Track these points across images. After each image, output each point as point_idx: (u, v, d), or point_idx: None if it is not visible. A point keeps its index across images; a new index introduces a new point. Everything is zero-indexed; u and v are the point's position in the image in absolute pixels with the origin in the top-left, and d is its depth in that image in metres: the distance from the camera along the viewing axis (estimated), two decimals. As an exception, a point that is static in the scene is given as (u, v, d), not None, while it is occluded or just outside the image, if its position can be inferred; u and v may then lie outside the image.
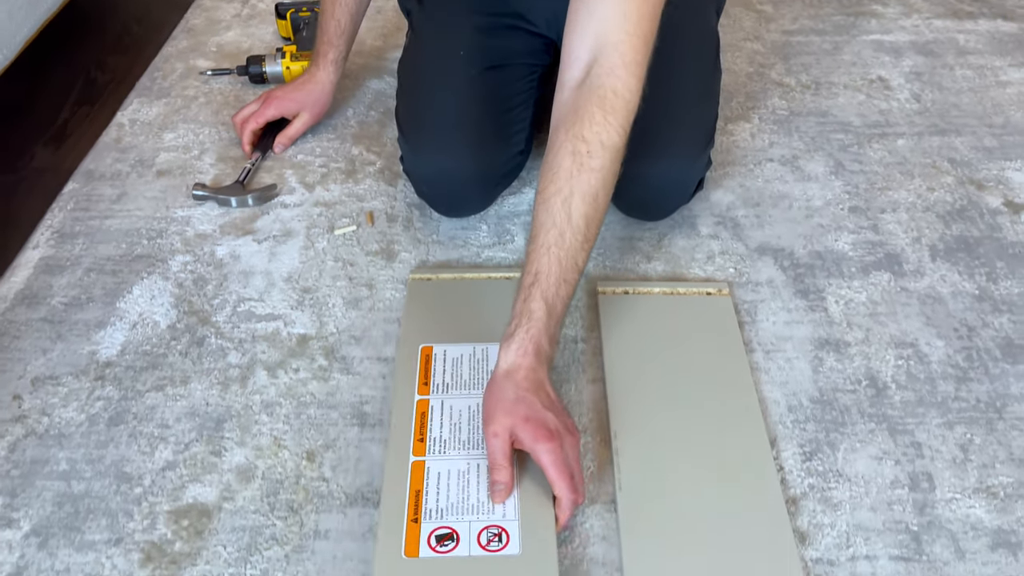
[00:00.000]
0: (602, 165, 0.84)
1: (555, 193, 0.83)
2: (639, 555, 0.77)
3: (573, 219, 0.82)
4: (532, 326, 0.80)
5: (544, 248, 0.82)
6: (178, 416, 0.90)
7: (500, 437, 0.77)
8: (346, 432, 0.88)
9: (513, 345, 0.80)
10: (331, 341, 0.98)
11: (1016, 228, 1.13)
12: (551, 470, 0.75)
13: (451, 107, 1.07)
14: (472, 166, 1.07)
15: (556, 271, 0.81)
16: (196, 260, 1.08)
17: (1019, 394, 0.92)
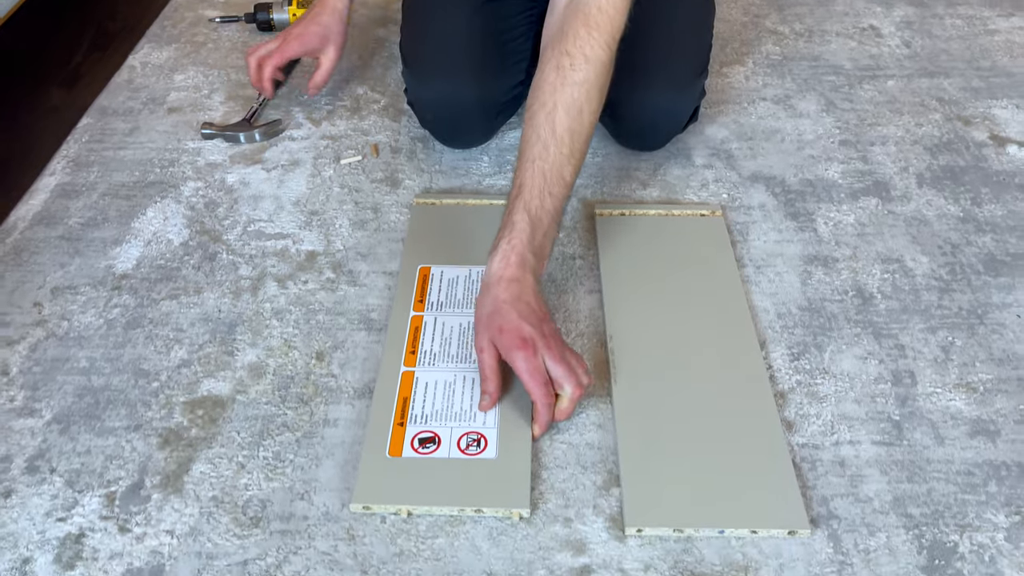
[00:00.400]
0: (585, 78, 0.86)
1: (539, 108, 0.86)
2: (632, 439, 0.80)
3: (557, 132, 0.85)
4: (514, 237, 0.82)
5: (529, 162, 0.84)
6: (192, 321, 0.93)
7: (486, 351, 0.80)
8: (353, 335, 0.92)
9: (496, 257, 0.82)
10: (338, 257, 1.02)
11: (1001, 158, 1.17)
12: (524, 376, 0.78)
13: (453, 36, 1.11)
14: (473, 92, 1.10)
15: (540, 183, 0.84)
16: (207, 186, 1.12)
17: (1000, 303, 0.96)
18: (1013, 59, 1.38)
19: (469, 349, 0.89)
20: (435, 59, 1.10)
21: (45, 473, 0.79)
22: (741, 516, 0.74)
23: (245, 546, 0.73)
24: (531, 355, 0.77)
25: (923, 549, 0.73)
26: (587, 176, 1.14)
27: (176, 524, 0.74)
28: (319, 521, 0.75)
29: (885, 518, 0.75)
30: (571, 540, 0.74)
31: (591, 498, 0.77)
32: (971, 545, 0.73)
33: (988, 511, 0.76)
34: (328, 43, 1.17)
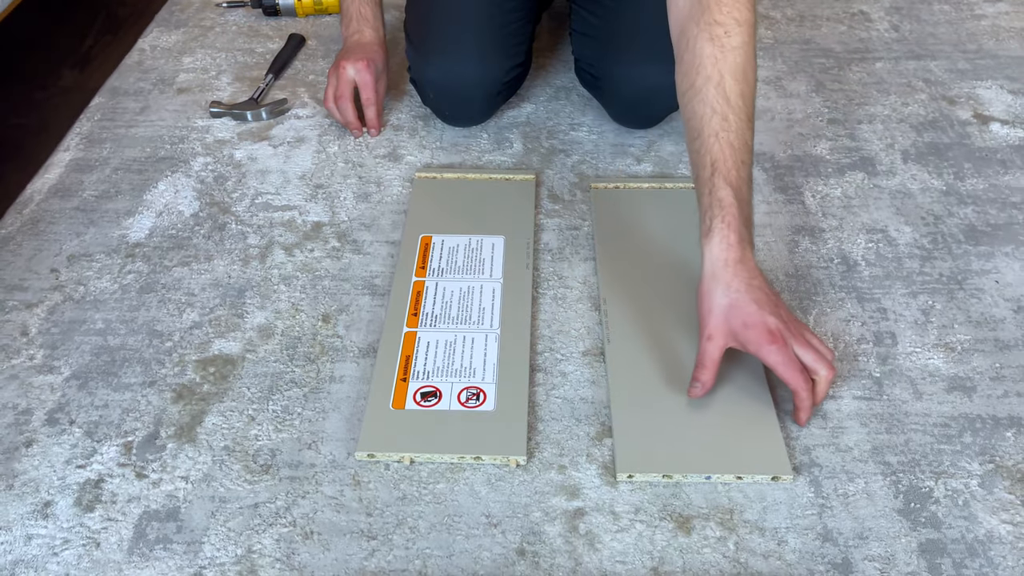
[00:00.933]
0: (743, 42, 0.84)
1: (706, 81, 0.83)
2: (624, 392, 0.84)
3: (732, 100, 0.82)
4: (727, 214, 0.79)
5: (713, 136, 0.81)
6: (203, 286, 0.97)
7: (714, 341, 0.79)
8: (358, 300, 0.96)
9: (714, 240, 0.79)
10: (343, 227, 1.06)
11: (984, 136, 1.21)
12: (782, 370, 0.77)
13: (457, 17, 1.14)
14: (476, 72, 1.14)
15: (731, 155, 0.80)
16: (216, 161, 1.16)
17: (979, 270, 1.00)
18: (999, 42, 1.42)
19: (469, 311, 0.93)
20: (439, 39, 1.14)
21: (65, 425, 0.83)
22: (727, 463, 0.78)
23: (256, 491, 0.77)
24: (782, 347, 0.77)
25: (899, 494, 0.77)
26: (582, 153, 1.18)
27: (190, 471, 0.78)
28: (326, 468, 0.79)
29: (864, 466, 0.79)
30: (565, 485, 0.78)
31: (584, 447, 0.81)
32: (946, 490, 0.77)
33: (963, 459, 0.80)
34: (380, 73, 1.18)
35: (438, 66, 1.15)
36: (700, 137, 0.82)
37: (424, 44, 1.16)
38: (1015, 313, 0.94)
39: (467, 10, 1.15)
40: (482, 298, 0.94)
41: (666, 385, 0.85)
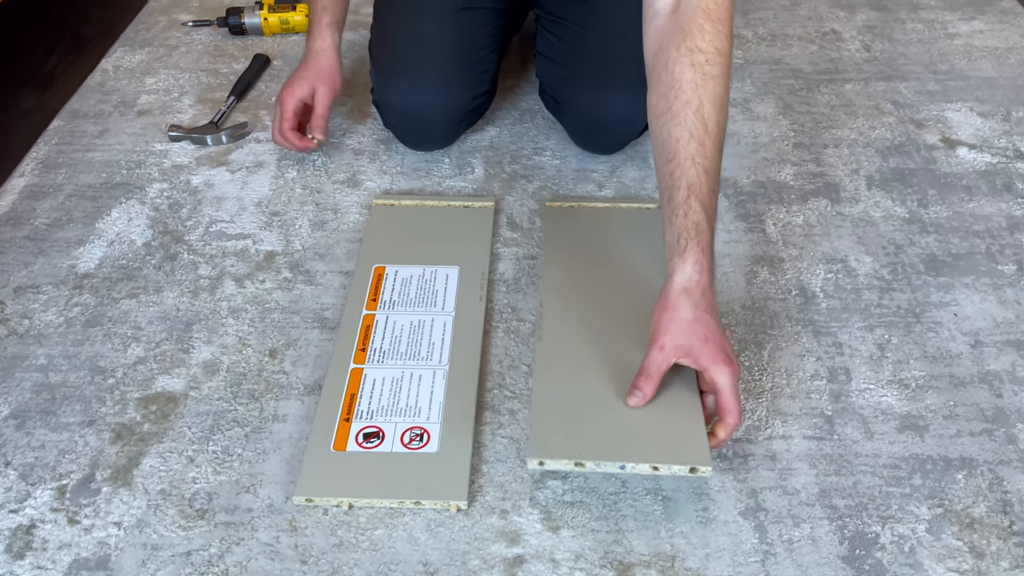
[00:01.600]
0: (722, 71, 0.85)
1: (684, 105, 0.82)
2: (546, 384, 0.84)
3: (709, 127, 0.82)
4: (701, 239, 0.79)
5: (689, 160, 0.81)
6: (150, 319, 0.96)
7: (666, 351, 0.77)
8: (307, 333, 0.95)
9: (688, 260, 0.78)
10: (296, 257, 1.04)
11: (950, 160, 1.19)
12: (727, 393, 0.76)
13: (423, 41, 1.13)
14: (438, 99, 1.13)
15: (706, 182, 0.81)
16: (172, 188, 1.15)
17: (938, 301, 0.98)
18: (971, 62, 1.41)
19: (418, 347, 0.91)
20: (402, 64, 1.13)
21: (0, 467, 0.81)
22: (642, 452, 0.76)
23: (190, 537, 0.75)
24: (735, 372, 0.77)
25: (845, 540, 0.76)
26: (544, 178, 1.17)
27: (124, 516, 0.77)
28: (263, 513, 0.77)
29: (811, 510, 0.78)
30: (506, 531, 0.76)
31: (528, 491, 0.80)
32: (892, 536, 0.76)
33: (911, 503, 0.79)
34: (317, 83, 1.14)
35: (400, 91, 1.13)
36: (675, 160, 0.82)
37: (387, 68, 1.14)
38: (971, 348, 0.93)
39: (431, 36, 1.13)
40: (432, 333, 0.93)
41: (589, 379, 0.84)
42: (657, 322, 0.79)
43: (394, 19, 1.17)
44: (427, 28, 1.14)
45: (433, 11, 1.15)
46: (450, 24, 1.14)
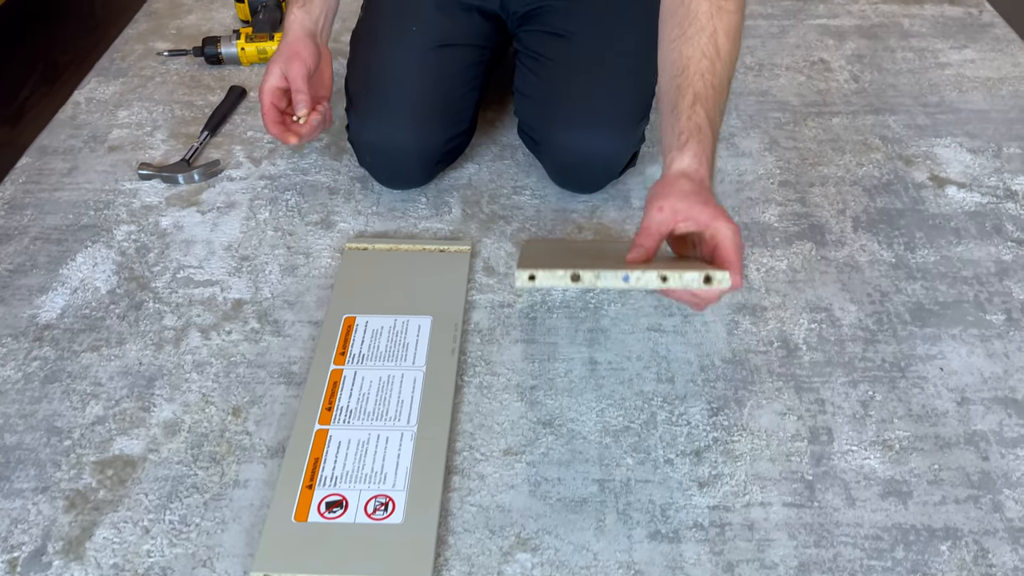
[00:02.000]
0: (737, 7, 0.85)
1: (699, 31, 0.83)
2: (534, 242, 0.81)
3: (721, 54, 0.82)
4: (703, 139, 0.78)
5: (698, 75, 0.81)
6: (111, 375, 0.93)
7: (665, 212, 0.76)
8: (272, 390, 0.92)
9: (687, 153, 0.77)
10: (265, 305, 1.01)
11: (939, 200, 1.17)
12: (729, 247, 0.74)
13: (399, 80, 1.10)
14: (415, 139, 1.10)
15: (713, 96, 0.80)
16: (140, 230, 1.12)
17: (924, 354, 0.96)
18: (961, 94, 1.38)
19: (386, 405, 0.88)
20: (377, 103, 1.10)
21: (-51, 537, 0.78)
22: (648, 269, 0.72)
23: (142, 616, 0.73)
24: (737, 231, 0.75)
25: (823, 619, 0.73)
26: (523, 219, 1.14)
27: (75, 593, 0.74)
28: (219, 589, 0.75)
29: (788, 585, 0.75)
30: (471, 609, 0.73)
31: (496, 565, 0.77)
32: (872, 614, 0.73)
33: (893, 578, 0.76)
34: (286, 64, 1.05)
35: (374, 131, 1.10)
36: (684, 74, 0.81)
37: (362, 106, 1.12)
38: (958, 406, 0.90)
39: (409, 75, 1.11)
40: (402, 390, 0.90)
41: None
42: (653, 195, 0.78)
43: (369, 56, 1.14)
44: (403, 66, 1.11)
45: (409, 48, 1.12)
46: (427, 62, 1.11)
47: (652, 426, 0.88)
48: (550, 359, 0.95)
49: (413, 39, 1.12)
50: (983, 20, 1.57)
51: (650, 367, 0.94)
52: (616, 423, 0.89)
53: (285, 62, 1.05)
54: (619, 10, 1.12)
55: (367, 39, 1.16)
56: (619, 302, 1.02)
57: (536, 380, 0.93)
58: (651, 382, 0.93)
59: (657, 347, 0.97)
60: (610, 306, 1.01)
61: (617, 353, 0.96)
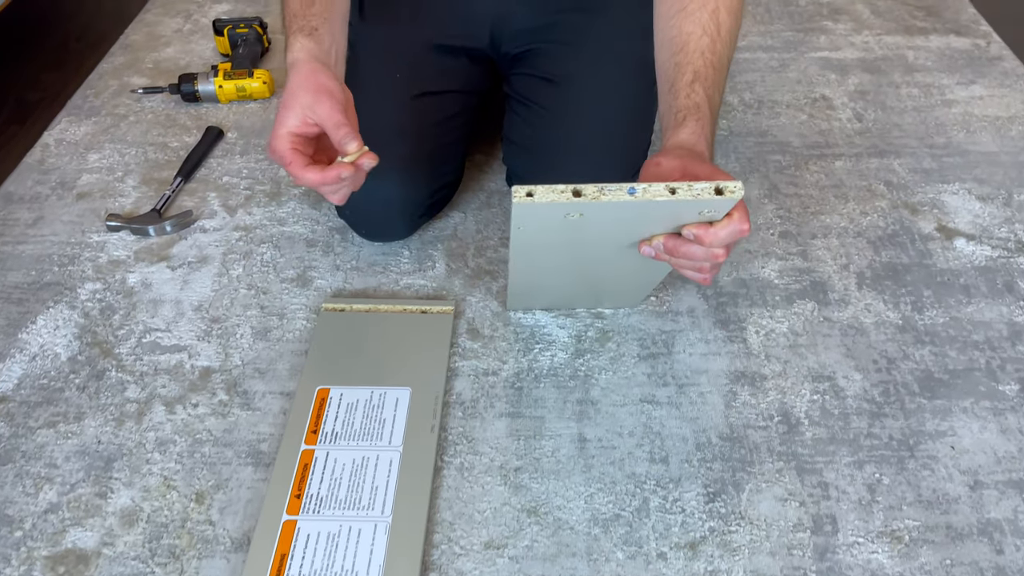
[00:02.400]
0: None
1: (701, 7, 0.80)
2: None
3: (722, 32, 0.79)
4: (701, 117, 0.75)
5: (699, 53, 0.78)
6: (67, 455, 0.87)
7: (662, 167, 0.72)
8: (239, 472, 0.86)
9: (684, 130, 0.74)
10: (235, 374, 0.96)
11: (947, 254, 1.11)
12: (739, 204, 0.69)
13: (381, 131, 1.03)
14: (397, 193, 1.04)
15: (713, 75, 0.77)
16: (106, 288, 1.06)
17: (934, 431, 0.90)
18: (969, 134, 1.32)
19: (360, 492, 0.83)
20: None
21: None
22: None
23: None
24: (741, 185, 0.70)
25: None
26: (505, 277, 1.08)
27: None
28: None
29: None
30: None
31: (473, 677, 0.71)
32: None
33: None
34: (306, 101, 0.80)
35: (352, 184, 1.04)
36: (683, 51, 0.78)
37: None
38: (970, 490, 0.84)
39: (389, 124, 1.04)
40: (376, 474, 0.84)
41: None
42: (647, 163, 0.74)
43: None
44: (384, 114, 1.05)
45: (391, 95, 1.06)
46: (411, 112, 1.05)
47: (644, 514, 0.83)
48: (536, 436, 0.90)
49: (396, 87, 1.06)
50: (991, 53, 1.51)
51: (643, 445, 0.89)
52: (606, 511, 0.83)
53: (312, 97, 0.79)
54: (614, 52, 1.06)
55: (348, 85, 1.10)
56: (610, 370, 0.96)
57: (521, 460, 0.87)
58: (644, 462, 0.87)
59: (650, 422, 0.91)
60: (601, 374, 0.96)
61: (608, 429, 0.90)
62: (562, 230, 0.73)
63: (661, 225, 0.73)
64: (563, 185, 0.65)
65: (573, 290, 0.96)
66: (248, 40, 1.45)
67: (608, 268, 0.86)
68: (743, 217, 0.70)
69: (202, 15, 1.63)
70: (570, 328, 1.01)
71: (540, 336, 1.00)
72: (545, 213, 0.68)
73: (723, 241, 0.71)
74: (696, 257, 0.74)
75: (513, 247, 0.79)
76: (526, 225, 0.72)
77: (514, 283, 0.92)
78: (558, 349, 0.99)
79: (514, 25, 1.08)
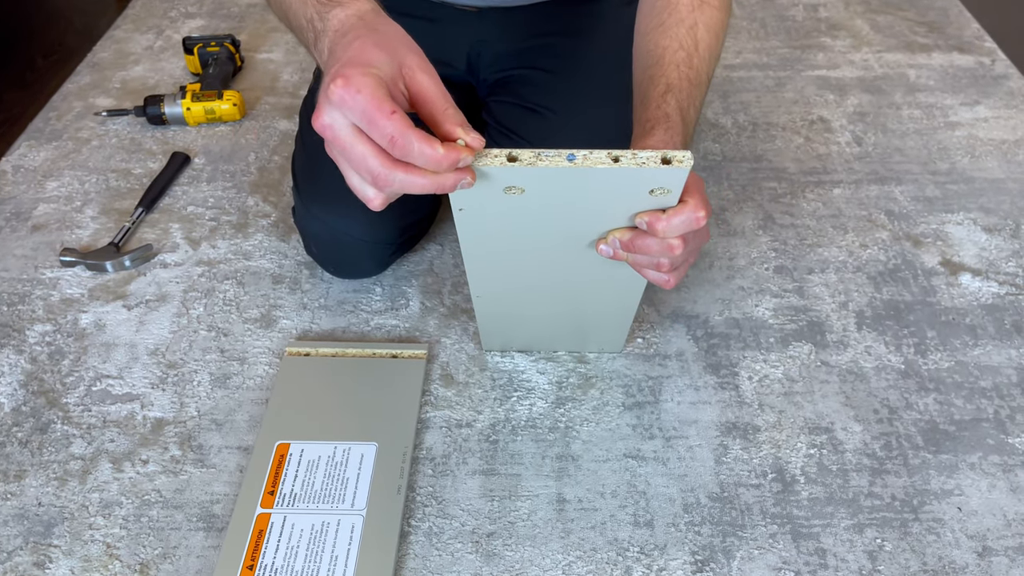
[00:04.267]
0: (722, 4, 0.79)
1: (678, 22, 0.76)
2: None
3: (700, 49, 0.76)
4: (671, 127, 0.70)
5: (673, 67, 0.74)
6: (5, 519, 0.81)
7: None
8: (189, 538, 0.79)
9: (653, 138, 0.69)
10: (189, 426, 0.89)
11: (951, 291, 1.05)
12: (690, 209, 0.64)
13: None
14: (365, 231, 0.98)
15: (687, 88, 0.73)
16: (56, 330, 0.99)
17: (939, 490, 0.83)
18: (974, 159, 1.26)
19: (318, 564, 0.76)
20: (325, 188, 0.97)
21: None
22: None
23: None
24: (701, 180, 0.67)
25: None
26: (487, 316, 1.02)
27: None
28: None
29: None
30: None
31: None
32: None
33: None
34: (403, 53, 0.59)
35: (321, 220, 0.98)
36: (658, 64, 0.75)
37: (307, 192, 0.99)
38: (979, 558, 0.78)
39: None
40: (337, 542, 0.78)
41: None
42: None
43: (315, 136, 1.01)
44: None
45: None
46: None
47: (626, 586, 0.76)
48: (511, 496, 0.83)
49: None
50: (996, 71, 1.45)
51: (626, 506, 0.82)
52: (584, 582, 0.76)
53: (413, 55, 0.59)
54: (597, 81, 1.00)
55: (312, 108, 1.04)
56: (593, 421, 0.90)
57: (494, 524, 0.81)
58: (627, 526, 0.81)
59: (635, 480, 0.84)
60: (583, 426, 0.89)
61: (589, 488, 0.84)
62: (507, 215, 0.67)
63: (612, 213, 0.67)
64: (497, 150, 0.60)
65: (547, 320, 0.89)
66: (219, 59, 1.39)
67: (573, 282, 0.79)
68: (698, 204, 0.64)
69: (174, 31, 1.56)
70: (550, 374, 0.95)
71: (519, 383, 0.94)
72: (484, 186, 0.62)
73: (677, 229, 0.65)
74: (652, 251, 0.67)
75: (462, 240, 0.72)
76: (467, 205, 0.66)
77: (479, 303, 0.85)
78: (537, 397, 0.92)
79: (492, 50, 1.02)
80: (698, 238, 0.69)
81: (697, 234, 0.68)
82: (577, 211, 0.67)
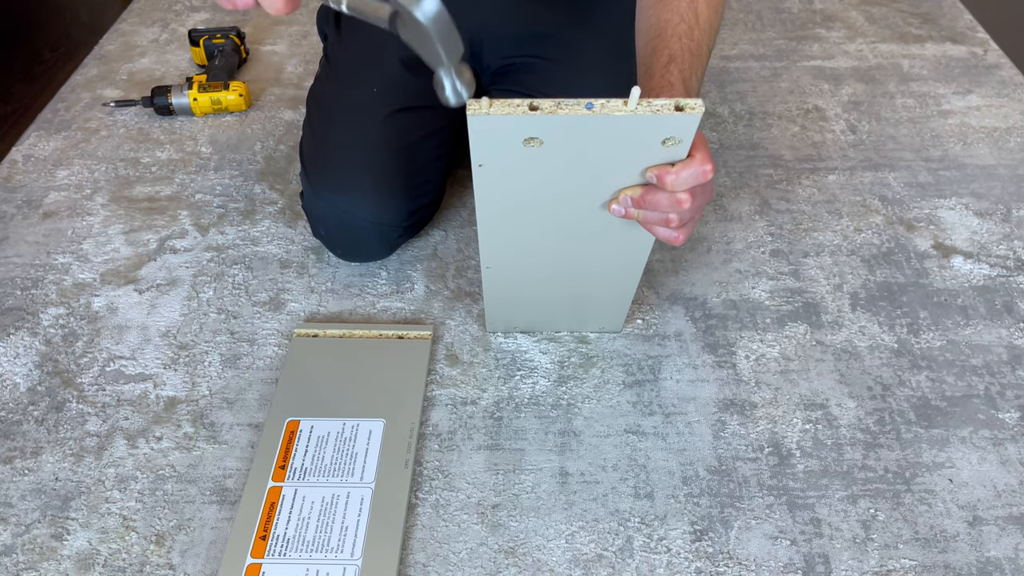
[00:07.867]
0: None
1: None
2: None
3: (700, 21, 0.77)
4: (675, 95, 0.71)
5: (675, 38, 0.76)
6: (23, 493, 0.83)
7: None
8: (203, 511, 0.82)
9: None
10: (201, 404, 0.91)
11: (944, 273, 1.07)
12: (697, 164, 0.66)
13: (357, 148, 1.00)
14: (373, 213, 1.00)
15: (689, 59, 0.75)
16: (70, 313, 1.02)
17: (931, 462, 0.86)
18: (966, 147, 1.28)
19: (328, 533, 0.79)
20: (333, 171, 1.00)
21: None
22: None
23: None
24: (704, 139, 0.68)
25: None
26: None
27: None
28: None
29: None
30: None
31: None
32: None
33: None
34: None
35: (330, 203, 1.00)
36: (660, 36, 0.76)
37: (315, 176, 1.01)
38: (969, 527, 0.81)
39: (369, 141, 1.00)
40: (347, 513, 0.80)
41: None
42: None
43: (325, 121, 1.04)
44: (362, 133, 1.01)
45: (368, 111, 1.02)
46: (389, 128, 1.01)
47: (628, 554, 0.79)
48: (516, 470, 0.86)
49: (374, 102, 1.02)
50: (988, 61, 1.48)
51: (627, 479, 0.85)
52: (588, 550, 0.79)
53: None
54: (602, 67, 1.02)
55: (323, 102, 1.06)
56: (594, 398, 0.92)
57: (499, 496, 0.83)
58: (628, 498, 0.83)
59: (635, 454, 0.87)
60: (584, 403, 0.92)
61: (591, 462, 0.86)
62: (525, 171, 0.69)
63: (625, 166, 0.69)
64: (518, 100, 0.63)
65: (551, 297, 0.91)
66: (225, 51, 1.41)
67: (581, 252, 0.82)
68: (704, 157, 0.67)
69: (179, 24, 1.59)
70: (553, 353, 0.97)
71: (522, 362, 0.96)
72: (504, 137, 0.65)
73: (685, 182, 0.67)
74: (661, 206, 0.70)
75: (478, 199, 0.74)
76: (487, 160, 0.68)
77: (487, 276, 0.86)
78: (540, 376, 0.95)
79: (494, 37, 1.04)
80: (704, 194, 0.71)
81: (704, 189, 0.71)
82: (592, 165, 0.69)
